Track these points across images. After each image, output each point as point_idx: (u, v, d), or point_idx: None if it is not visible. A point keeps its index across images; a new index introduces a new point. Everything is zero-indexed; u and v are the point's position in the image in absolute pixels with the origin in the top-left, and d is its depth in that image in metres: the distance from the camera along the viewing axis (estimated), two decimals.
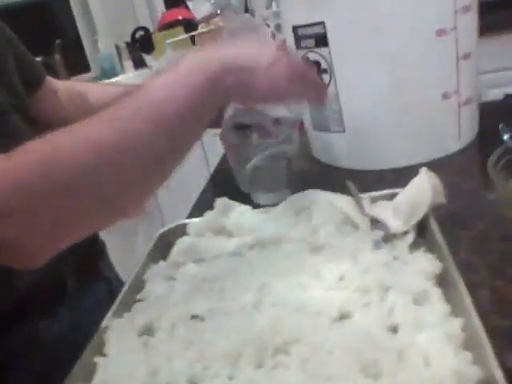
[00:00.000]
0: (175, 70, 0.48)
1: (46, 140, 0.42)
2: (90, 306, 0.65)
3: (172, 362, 0.42)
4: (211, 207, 0.63)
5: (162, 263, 0.58)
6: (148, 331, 0.48)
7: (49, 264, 0.45)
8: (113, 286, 0.75)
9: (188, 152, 0.50)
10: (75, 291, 0.66)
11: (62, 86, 0.79)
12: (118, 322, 0.48)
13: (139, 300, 0.53)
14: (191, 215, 0.73)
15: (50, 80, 0.77)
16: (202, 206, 0.71)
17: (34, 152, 0.42)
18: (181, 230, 0.62)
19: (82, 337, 0.47)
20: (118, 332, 0.47)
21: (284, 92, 0.55)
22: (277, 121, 0.67)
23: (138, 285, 0.55)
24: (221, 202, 0.62)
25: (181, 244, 0.60)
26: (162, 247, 0.62)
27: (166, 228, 0.63)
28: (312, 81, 0.59)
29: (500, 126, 0.52)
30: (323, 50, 0.74)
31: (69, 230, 0.44)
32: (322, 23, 0.72)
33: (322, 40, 0.73)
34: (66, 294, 0.65)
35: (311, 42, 0.75)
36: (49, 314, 0.62)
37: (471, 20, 0.75)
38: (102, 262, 0.78)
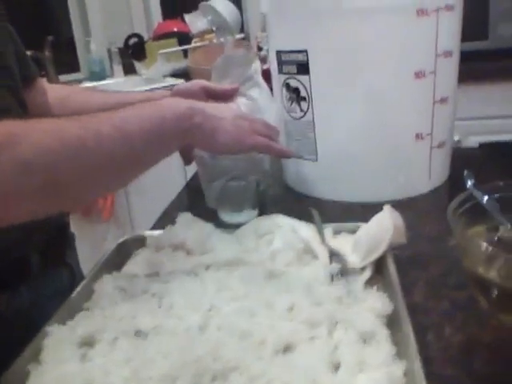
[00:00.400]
0: (152, 102, 0.58)
1: (22, 121, 0.48)
2: (51, 291, 0.67)
3: (107, 376, 0.41)
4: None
5: (115, 274, 0.57)
6: (89, 342, 0.46)
7: (14, 239, 0.49)
8: (76, 276, 0.76)
9: (144, 169, 0.56)
10: (39, 272, 0.67)
11: (51, 87, 0.81)
12: (59, 330, 0.47)
13: (85, 309, 0.51)
14: (155, 227, 0.72)
15: (41, 80, 0.79)
16: (167, 218, 0.70)
17: (7, 126, 0.46)
18: (140, 242, 0.61)
19: (38, 320, 0.48)
20: (56, 340, 0.46)
21: (247, 143, 0.63)
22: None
23: (87, 293, 0.54)
24: (183, 217, 0.61)
25: (137, 256, 0.59)
26: (119, 257, 0.60)
27: (124, 238, 0.62)
28: (272, 135, 0.67)
29: (465, 172, 0.53)
30: (303, 78, 0.74)
31: (15, 204, 0.46)
32: (305, 51, 0.72)
33: (303, 68, 0.74)
34: (30, 274, 0.66)
35: (293, 69, 0.75)
36: (11, 289, 0.63)
37: (452, 65, 0.76)
38: (70, 251, 0.79)
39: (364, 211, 0.68)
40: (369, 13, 0.69)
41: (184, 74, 2.11)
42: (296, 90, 0.76)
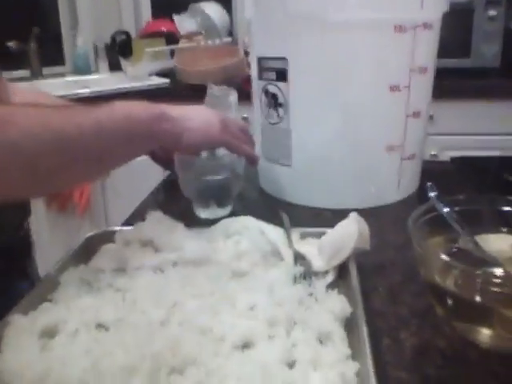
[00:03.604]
0: (124, 103, 0.58)
1: (5, 105, 0.51)
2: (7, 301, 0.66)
3: (65, 367, 0.41)
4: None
5: (81, 267, 0.57)
6: (50, 333, 0.47)
7: None
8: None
9: (116, 166, 0.57)
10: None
11: (19, 91, 0.80)
12: (20, 320, 0.47)
13: (49, 300, 0.52)
14: (126, 223, 0.72)
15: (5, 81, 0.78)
16: (139, 215, 0.70)
17: None
18: (109, 237, 0.62)
19: None
20: (17, 329, 0.46)
21: (216, 138, 0.65)
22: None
23: (53, 284, 0.54)
24: (153, 215, 0.62)
25: (105, 251, 0.59)
26: (87, 251, 0.61)
27: (93, 233, 0.63)
28: (244, 139, 0.69)
29: (428, 184, 0.54)
30: (282, 85, 0.76)
31: None
32: (285, 59, 0.74)
33: (282, 75, 0.75)
34: None
35: (272, 75, 0.77)
36: None
37: (426, 81, 0.78)
38: (29, 260, 0.78)
39: (333, 217, 0.70)
40: (348, 27, 0.70)
41: (169, 74, 2.11)
42: (274, 96, 0.77)
